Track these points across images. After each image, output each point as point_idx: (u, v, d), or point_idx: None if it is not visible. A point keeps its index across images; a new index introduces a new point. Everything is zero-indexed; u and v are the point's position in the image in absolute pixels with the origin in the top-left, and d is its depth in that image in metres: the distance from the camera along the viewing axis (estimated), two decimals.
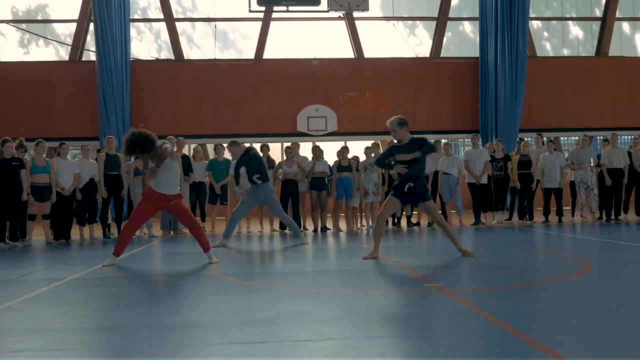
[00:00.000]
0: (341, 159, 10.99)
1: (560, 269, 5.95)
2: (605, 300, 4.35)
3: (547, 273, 5.81)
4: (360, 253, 7.38)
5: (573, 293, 4.67)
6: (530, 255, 7.26)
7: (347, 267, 6.28)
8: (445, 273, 5.89)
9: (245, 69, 18.21)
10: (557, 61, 19.18)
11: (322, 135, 17.71)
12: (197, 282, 5.54)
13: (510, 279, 5.25)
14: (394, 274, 5.80)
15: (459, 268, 6.14)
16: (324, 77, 18.15)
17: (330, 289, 4.97)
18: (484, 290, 4.80)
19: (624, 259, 6.65)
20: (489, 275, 5.62)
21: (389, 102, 18.30)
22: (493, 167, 11.79)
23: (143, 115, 17.52)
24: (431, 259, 7.01)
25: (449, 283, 5.10)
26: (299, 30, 18.93)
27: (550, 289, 4.85)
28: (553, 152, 11.72)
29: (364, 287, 5.09)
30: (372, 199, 10.99)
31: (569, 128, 18.75)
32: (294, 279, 5.61)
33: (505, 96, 17.24)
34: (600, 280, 5.32)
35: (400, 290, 4.95)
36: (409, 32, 19.54)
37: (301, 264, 6.79)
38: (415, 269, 5.95)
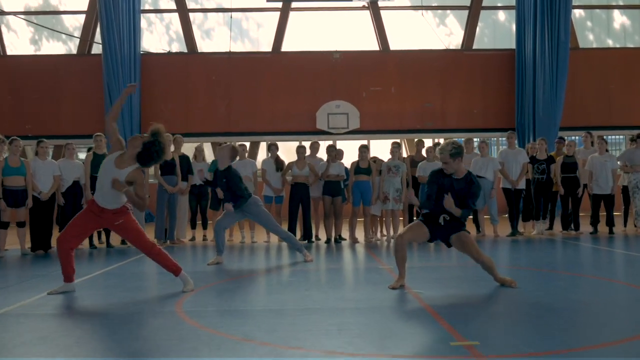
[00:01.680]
0: (360, 161, 9.63)
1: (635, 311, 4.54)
2: None
3: (622, 321, 4.34)
4: (377, 276, 6.05)
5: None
6: (590, 285, 5.77)
7: (355, 305, 4.87)
8: (479, 319, 4.40)
9: (262, 62, 16.99)
10: (601, 53, 17.53)
11: (344, 134, 16.39)
12: (143, 326, 4.26)
13: (569, 333, 3.85)
14: (412, 320, 4.42)
15: (496, 309, 4.75)
16: (346, 71, 16.83)
17: (319, 350, 3.57)
18: (537, 356, 3.37)
19: None
20: (538, 323, 4.19)
21: (416, 98, 16.94)
22: (534, 170, 10.33)
23: (154, 112, 16.39)
24: (460, 290, 5.58)
25: (485, 339, 3.68)
26: (320, 21, 17.64)
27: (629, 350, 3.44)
28: (604, 154, 10.21)
29: (369, 346, 3.72)
30: (394, 206, 9.63)
31: (615, 126, 17.12)
32: (275, 324, 4.22)
33: (544, 91, 15.69)
34: None
35: (417, 354, 3.54)
36: (439, 22, 18.10)
37: (295, 295, 5.38)
38: (440, 309, 4.54)
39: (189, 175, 10.03)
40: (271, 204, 9.88)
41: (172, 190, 9.65)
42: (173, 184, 9.69)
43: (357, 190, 9.55)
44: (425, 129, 16.90)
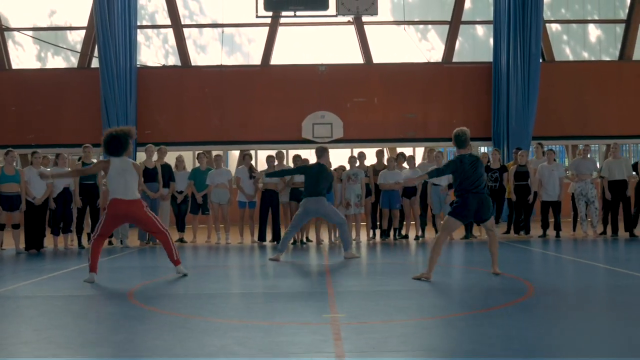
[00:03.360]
0: None
1: (497, 296, 5.51)
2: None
3: (474, 301, 5.38)
4: (315, 269, 6.99)
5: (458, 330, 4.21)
6: (479, 277, 6.73)
7: (269, 290, 5.89)
8: (359, 301, 5.49)
9: (252, 74, 17.99)
10: (576, 65, 18.34)
11: (328, 142, 17.29)
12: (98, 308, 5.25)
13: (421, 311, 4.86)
14: (308, 300, 5.40)
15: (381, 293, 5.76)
16: (332, 83, 17.77)
17: (236, 320, 4.57)
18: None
19: (577, 286, 6.13)
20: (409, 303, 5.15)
21: (398, 109, 17.83)
22: (488, 178, 11.19)
23: (149, 122, 17.49)
24: (369, 281, 6.56)
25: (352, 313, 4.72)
26: (308, 36, 18.62)
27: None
28: (552, 163, 11.05)
29: (258, 317, 4.70)
30: (355, 211, 10.56)
31: (590, 136, 17.83)
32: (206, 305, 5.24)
33: (517, 102, 16.55)
34: (516, 313, 4.80)
35: (292, 322, 4.54)
36: (421, 36, 19.00)
37: (228, 284, 6.40)
38: (338, 294, 5.53)
39: (170, 183, 11.01)
40: (245, 209, 10.85)
41: (153, 196, 10.63)
42: (154, 190, 10.67)
43: None
44: (407, 138, 17.80)
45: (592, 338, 4.01)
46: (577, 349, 3.70)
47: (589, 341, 3.92)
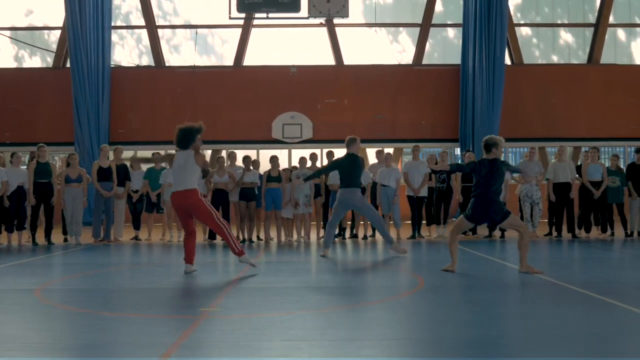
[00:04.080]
0: (271, 170, 10.85)
1: (387, 289, 5.84)
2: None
3: (355, 296, 5.68)
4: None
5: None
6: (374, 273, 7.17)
7: (168, 286, 6.15)
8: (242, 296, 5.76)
9: (224, 75, 18.25)
10: (545, 69, 18.61)
11: (297, 143, 17.59)
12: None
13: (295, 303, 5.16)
14: (196, 296, 5.67)
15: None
16: (303, 84, 18.03)
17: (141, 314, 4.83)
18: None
19: (467, 283, 6.39)
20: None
21: (368, 110, 18.09)
22: (436, 179, 11.46)
23: (123, 122, 17.79)
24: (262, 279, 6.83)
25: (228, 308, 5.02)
26: (281, 37, 18.86)
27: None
28: None
29: (157, 309, 4.98)
30: (304, 210, 10.83)
31: (558, 138, 18.03)
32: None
33: (482, 105, 16.80)
34: (387, 308, 5.11)
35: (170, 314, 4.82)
36: (392, 38, 19.25)
37: (141, 278, 6.68)
38: (232, 290, 5.80)
39: (126, 182, 11.29)
40: None
41: (107, 195, 10.91)
42: (108, 189, 10.94)
43: (269, 196, 10.75)
44: (377, 139, 18.03)
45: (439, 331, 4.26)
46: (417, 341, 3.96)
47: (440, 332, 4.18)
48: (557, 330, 4.18)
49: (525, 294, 5.86)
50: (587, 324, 4.46)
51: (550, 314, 4.77)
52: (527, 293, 5.90)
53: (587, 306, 5.05)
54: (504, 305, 5.31)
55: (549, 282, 6.24)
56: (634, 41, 19.10)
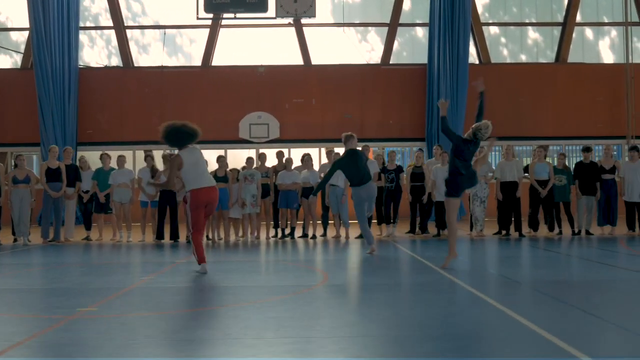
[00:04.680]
0: (218, 170, 10.89)
1: (282, 288, 5.93)
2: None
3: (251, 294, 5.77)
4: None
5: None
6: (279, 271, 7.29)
7: (88, 287, 6.21)
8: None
9: (192, 75, 18.31)
10: (512, 68, 18.66)
11: (264, 142, 17.63)
12: None
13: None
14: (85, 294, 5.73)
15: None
16: (271, 84, 18.08)
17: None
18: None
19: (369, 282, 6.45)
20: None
21: (336, 110, 18.13)
22: (385, 179, 11.51)
23: (91, 122, 17.82)
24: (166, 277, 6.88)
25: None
26: (249, 38, 18.90)
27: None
28: (446, 164, 11.33)
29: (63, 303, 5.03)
30: (251, 210, 10.88)
31: (525, 137, 18.16)
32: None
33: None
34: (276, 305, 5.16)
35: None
36: (361, 38, 19.28)
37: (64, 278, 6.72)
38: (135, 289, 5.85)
39: (76, 182, 11.34)
40: (147, 208, 11.17)
41: (55, 195, 10.95)
42: (57, 190, 10.98)
43: None
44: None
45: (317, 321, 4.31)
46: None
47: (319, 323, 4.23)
48: (401, 328, 4.24)
49: (415, 294, 5.87)
50: (448, 321, 4.51)
51: (419, 312, 4.82)
52: (417, 293, 5.91)
53: (459, 304, 5.12)
54: (379, 305, 5.22)
55: (450, 282, 6.28)
56: (602, 40, 19.16)
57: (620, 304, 5.20)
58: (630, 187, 11.14)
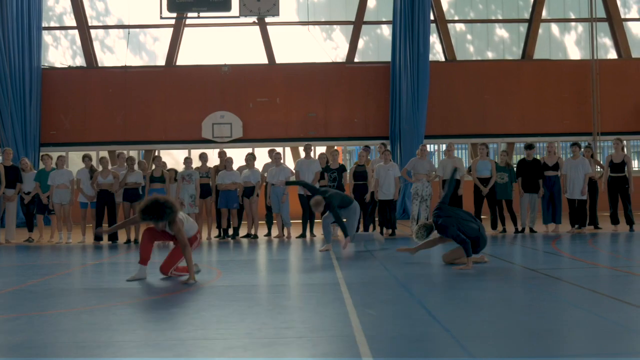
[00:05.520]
0: (154, 169, 10.82)
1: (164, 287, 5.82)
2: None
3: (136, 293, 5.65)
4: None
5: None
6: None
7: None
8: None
9: (156, 75, 18.24)
10: (477, 65, 18.55)
11: (227, 142, 17.54)
12: None
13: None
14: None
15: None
16: (235, 83, 18.01)
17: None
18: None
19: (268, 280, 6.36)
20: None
21: (300, 108, 18.07)
22: (328, 178, 11.42)
23: (54, 123, 17.77)
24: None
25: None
26: (214, 37, 18.83)
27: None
28: (389, 163, 11.26)
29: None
30: (189, 210, 10.80)
31: (490, 134, 18.06)
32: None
33: (407, 102, 16.76)
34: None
35: None
36: (326, 36, 19.19)
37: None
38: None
39: (17, 184, 11.28)
40: (86, 209, 11.11)
41: None
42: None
43: None
44: (309, 137, 18.00)
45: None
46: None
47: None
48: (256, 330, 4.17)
49: (291, 296, 5.76)
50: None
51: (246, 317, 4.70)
52: (296, 295, 5.82)
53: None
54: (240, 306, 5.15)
55: (336, 284, 6.20)
56: (568, 36, 19.04)
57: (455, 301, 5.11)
58: (572, 184, 11.05)
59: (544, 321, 4.30)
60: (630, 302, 4.81)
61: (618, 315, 4.44)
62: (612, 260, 7.95)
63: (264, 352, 3.67)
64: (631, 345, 3.73)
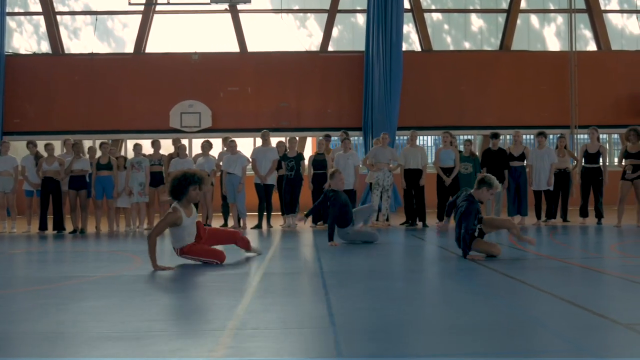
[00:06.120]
0: (101, 157, 10.34)
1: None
2: None
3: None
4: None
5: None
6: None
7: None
8: None
9: (124, 62, 17.71)
10: (455, 55, 18.11)
11: (196, 132, 17.06)
12: None
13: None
14: None
15: None
16: (205, 71, 17.50)
17: None
18: None
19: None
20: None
21: (272, 98, 17.58)
22: (286, 167, 10.97)
23: (18, 111, 17.24)
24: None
25: None
26: (184, 24, 18.32)
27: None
28: (349, 151, 10.82)
29: None
30: (138, 199, 10.33)
31: (467, 126, 17.64)
32: None
33: (379, 92, 16.31)
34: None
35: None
36: (300, 24, 18.71)
37: None
38: None
39: None
40: (32, 198, 10.62)
41: None
42: None
43: (99, 185, 10.24)
44: (281, 127, 17.53)
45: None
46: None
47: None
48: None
49: (183, 285, 5.31)
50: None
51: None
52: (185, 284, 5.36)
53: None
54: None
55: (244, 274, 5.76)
56: (547, 27, 18.63)
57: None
58: (538, 175, 10.64)
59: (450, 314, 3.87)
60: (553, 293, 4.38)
61: (532, 306, 4.02)
62: (563, 251, 7.52)
63: (122, 346, 3.23)
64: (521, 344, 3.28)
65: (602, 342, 3.21)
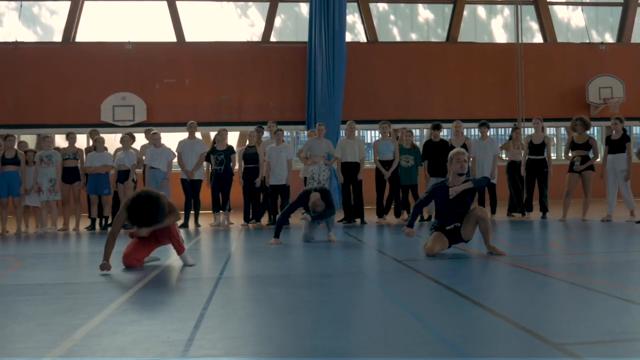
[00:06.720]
0: (6, 151, 9.35)
1: None
2: None
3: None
4: None
5: None
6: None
7: None
8: None
9: (52, 52, 16.61)
10: (400, 47, 17.60)
11: (130, 126, 16.06)
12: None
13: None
14: None
15: None
16: (139, 62, 16.56)
17: None
18: None
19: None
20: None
21: (211, 91, 16.76)
22: (214, 160, 10.18)
23: None
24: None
25: None
26: (117, 12, 17.28)
27: None
28: (281, 144, 10.11)
29: None
30: (49, 197, 9.39)
31: (414, 120, 17.14)
32: None
33: (322, 84, 15.65)
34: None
35: None
36: (241, 13, 17.89)
37: None
38: None
39: None
40: None
41: None
42: None
43: (4, 181, 9.27)
44: (221, 121, 16.70)
45: None
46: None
47: None
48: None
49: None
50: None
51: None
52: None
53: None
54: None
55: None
56: (495, 19, 18.29)
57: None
58: (481, 167, 10.14)
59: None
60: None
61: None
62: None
63: None
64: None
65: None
